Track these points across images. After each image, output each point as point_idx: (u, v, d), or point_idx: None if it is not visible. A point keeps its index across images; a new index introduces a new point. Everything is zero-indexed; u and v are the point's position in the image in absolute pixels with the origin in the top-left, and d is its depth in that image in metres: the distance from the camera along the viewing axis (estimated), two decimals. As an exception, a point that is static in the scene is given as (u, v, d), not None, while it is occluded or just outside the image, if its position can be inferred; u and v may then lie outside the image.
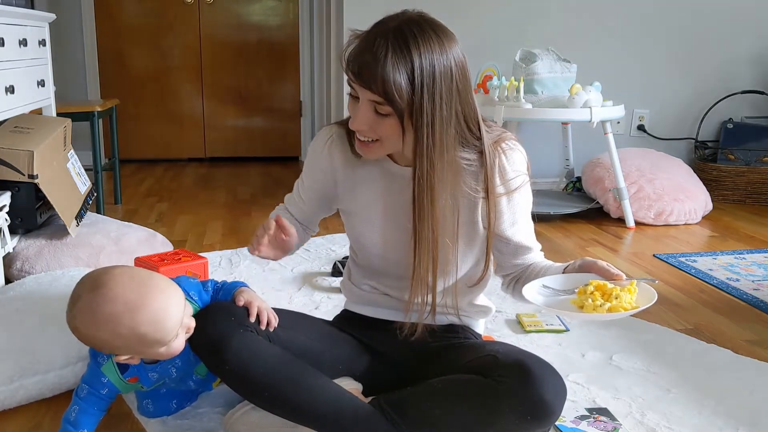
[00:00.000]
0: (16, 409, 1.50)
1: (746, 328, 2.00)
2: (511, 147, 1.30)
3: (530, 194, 1.36)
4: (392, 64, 1.12)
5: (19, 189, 2.15)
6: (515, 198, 1.32)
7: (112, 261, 2.26)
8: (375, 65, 1.13)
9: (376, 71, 1.12)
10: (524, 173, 1.32)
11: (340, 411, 1.23)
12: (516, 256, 1.38)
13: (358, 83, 1.16)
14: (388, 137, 1.21)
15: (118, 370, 1.29)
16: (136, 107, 4.67)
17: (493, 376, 1.19)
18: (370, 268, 1.44)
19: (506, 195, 1.30)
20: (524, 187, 1.33)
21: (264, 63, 4.83)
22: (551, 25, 3.66)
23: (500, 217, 1.32)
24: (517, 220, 1.34)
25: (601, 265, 1.26)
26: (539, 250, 1.41)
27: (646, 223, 3.14)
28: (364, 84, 1.15)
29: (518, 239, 1.36)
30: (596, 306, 1.17)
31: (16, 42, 2.27)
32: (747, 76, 3.91)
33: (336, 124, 1.40)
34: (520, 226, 1.36)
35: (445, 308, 1.43)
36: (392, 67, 1.12)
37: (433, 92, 1.15)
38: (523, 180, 1.31)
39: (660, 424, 1.45)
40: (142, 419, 1.46)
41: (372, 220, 1.38)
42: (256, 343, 1.22)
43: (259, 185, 3.98)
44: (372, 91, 1.15)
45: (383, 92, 1.14)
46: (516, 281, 1.41)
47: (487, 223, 1.32)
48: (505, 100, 3.03)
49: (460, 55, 1.19)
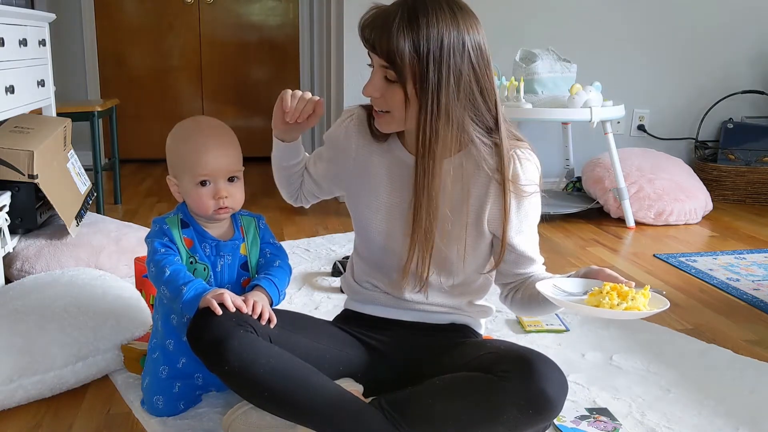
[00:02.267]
0: (15, 409, 1.50)
1: (746, 328, 2.00)
2: (527, 157, 1.31)
3: (539, 207, 1.36)
4: (399, 29, 1.17)
5: (19, 189, 2.15)
6: (525, 206, 1.32)
7: (112, 261, 2.27)
8: (383, 30, 1.18)
9: (383, 35, 1.18)
10: (536, 184, 1.32)
11: (341, 411, 1.23)
12: (518, 266, 1.37)
13: (368, 47, 1.22)
14: (396, 108, 1.24)
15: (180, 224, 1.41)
16: (136, 107, 4.67)
17: (495, 372, 1.19)
18: (372, 261, 1.44)
19: (516, 200, 1.30)
20: (535, 196, 1.33)
21: (264, 63, 4.83)
22: (551, 25, 3.65)
23: (507, 223, 1.32)
24: (523, 229, 1.34)
25: (609, 273, 1.26)
26: (542, 263, 1.40)
27: (646, 223, 3.14)
28: (371, 47, 1.21)
29: (522, 248, 1.35)
30: (613, 305, 1.18)
31: (16, 42, 2.27)
32: (747, 76, 3.91)
33: (360, 105, 1.42)
34: (526, 236, 1.35)
35: (445, 307, 1.44)
36: (398, 32, 1.17)
37: (440, 63, 1.18)
38: (534, 189, 1.32)
39: (660, 424, 1.45)
40: (143, 419, 1.46)
41: (378, 206, 1.38)
42: (256, 344, 1.22)
43: (259, 185, 3.98)
44: (378, 55, 1.20)
45: (387, 55, 1.18)
46: (515, 291, 1.40)
47: (494, 227, 1.33)
48: (505, 100, 3.03)
49: (479, 36, 1.23)
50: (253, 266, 1.45)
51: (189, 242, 1.40)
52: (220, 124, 1.43)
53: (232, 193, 1.38)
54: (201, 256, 1.40)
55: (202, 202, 1.38)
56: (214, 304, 1.23)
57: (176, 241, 1.39)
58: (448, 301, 1.43)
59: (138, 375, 1.62)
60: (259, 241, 1.47)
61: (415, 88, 1.20)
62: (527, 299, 1.36)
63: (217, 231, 1.44)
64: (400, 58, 1.17)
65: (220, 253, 1.42)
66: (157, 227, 1.40)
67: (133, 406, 1.51)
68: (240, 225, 1.46)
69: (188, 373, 1.47)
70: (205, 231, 1.42)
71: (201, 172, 1.36)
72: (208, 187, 1.37)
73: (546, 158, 3.71)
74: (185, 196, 1.40)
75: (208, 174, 1.36)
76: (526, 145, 1.32)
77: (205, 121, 1.43)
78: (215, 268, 1.41)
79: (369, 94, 1.26)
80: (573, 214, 3.26)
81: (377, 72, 1.23)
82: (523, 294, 1.37)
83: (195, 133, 1.40)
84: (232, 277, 1.43)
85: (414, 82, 1.20)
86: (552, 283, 1.26)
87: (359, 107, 1.42)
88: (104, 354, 1.63)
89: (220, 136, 1.39)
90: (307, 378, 1.24)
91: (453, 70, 1.19)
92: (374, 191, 1.39)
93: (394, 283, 1.42)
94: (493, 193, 1.30)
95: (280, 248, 1.49)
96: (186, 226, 1.41)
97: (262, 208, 3.40)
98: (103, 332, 1.65)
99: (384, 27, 1.18)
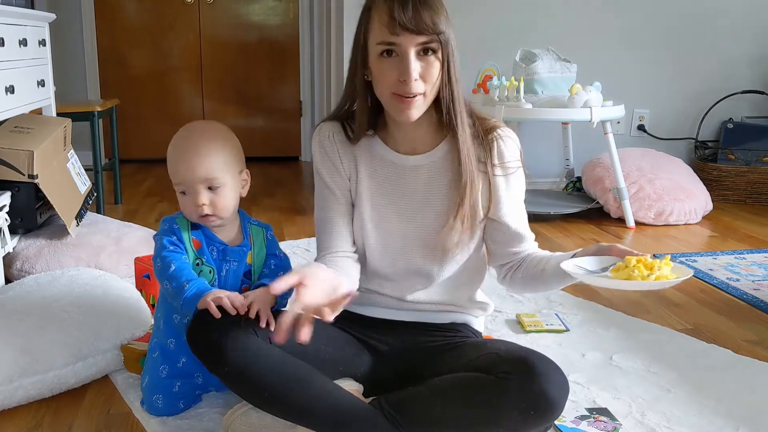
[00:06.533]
0: (15, 409, 1.50)
1: (746, 328, 2.00)
2: (508, 135, 1.37)
3: (524, 182, 1.40)
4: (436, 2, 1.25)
5: (19, 189, 2.15)
6: (512, 183, 1.37)
7: (112, 261, 2.26)
8: (424, 6, 1.22)
9: (424, 11, 1.22)
10: (518, 159, 1.37)
11: (340, 411, 1.23)
12: (512, 245, 1.40)
13: (407, 31, 1.22)
14: (432, 83, 1.27)
15: (189, 225, 1.41)
16: (136, 107, 4.67)
17: (496, 373, 1.19)
18: (369, 269, 1.44)
19: (504, 177, 1.35)
20: (520, 172, 1.38)
21: (264, 63, 4.83)
22: (551, 25, 3.65)
23: (498, 202, 1.36)
24: (513, 206, 1.38)
25: (622, 248, 1.26)
26: (533, 239, 1.43)
27: (646, 223, 3.14)
28: (414, 29, 1.21)
29: (515, 226, 1.39)
30: (644, 276, 1.18)
31: (16, 42, 2.27)
32: (747, 76, 3.91)
33: (326, 121, 1.42)
34: (517, 213, 1.39)
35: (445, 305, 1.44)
36: (437, 5, 1.25)
37: (450, 37, 1.26)
38: (518, 165, 1.37)
39: (660, 424, 1.45)
40: (143, 419, 1.46)
41: (371, 209, 1.39)
42: (255, 345, 1.22)
43: (259, 185, 3.98)
44: (422, 32, 1.22)
45: (435, 27, 1.22)
46: (514, 270, 1.42)
47: (486, 204, 1.36)
48: (505, 100, 3.03)
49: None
50: (255, 276, 1.45)
51: (197, 244, 1.40)
52: (209, 131, 1.40)
53: (213, 202, 1.36)
54: (208, 258, 1.40)
55: (186, 209, 1.38)
56: (212, 307, 1.23)
57: (185, 241, 1.39)
58: (447, 297, 1.43)
59: (138, 375, 1.62)
60: (265, 251, 1.47)
61: (445, 54, 1.26)
62: (531, 278, 1.38)
63: (226, 236, 1.43)
64: (443, 25, 1.23)
65: (227, 257, 1.41)
66: (167, 226, 1.40)
67: (133, 406, 1.51)
68: (249, 233, 1.46)
69: (188, 373, 1.47)
70: (213, 234, 1.42)
71: (175, 181, 1.37)
72: (188, 195, 1.37)
73: (546, 158, 3.76)
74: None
75: (182, 183, 1.36)
76: (501, 123, 1.39)
77: (196, 128, 1.41)
78: (220, 272, 1.41)
79: (415, 76, 1.25)
80: (573, 214, 3.26)
81: (410, 55, 1.24)
82: (525, 274, 1.39)
83: (181, 140, 1.39)
84: (236, 283, 1.43)
85: (443, 49, 1.25)
86: (573, 263, 1.26)
87: (328, 123, 1.42)
88: (104, 354, 1.63)
89: (199, 146, 1.36)
90: (307, 379, 1.23)
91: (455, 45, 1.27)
92: (367, 196, 1.39)
93: (394, 285, 1.42)
94: (481, 175, 1.35)
95: (285, 260, 1.48)
96: (196, 227, 1.41)
97: (263, 208, 3.40)
98: (103, 332, 1.65)
99: (424, 3, 1.22)
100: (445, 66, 1.27)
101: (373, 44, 1.26)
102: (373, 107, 1.36)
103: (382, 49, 1.25)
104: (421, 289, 1.42)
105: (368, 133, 1.39)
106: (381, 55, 1.26)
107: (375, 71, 1.28)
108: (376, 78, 1.29)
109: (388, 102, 1.29)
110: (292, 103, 4.92)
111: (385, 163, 1.39)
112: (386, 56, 1.25)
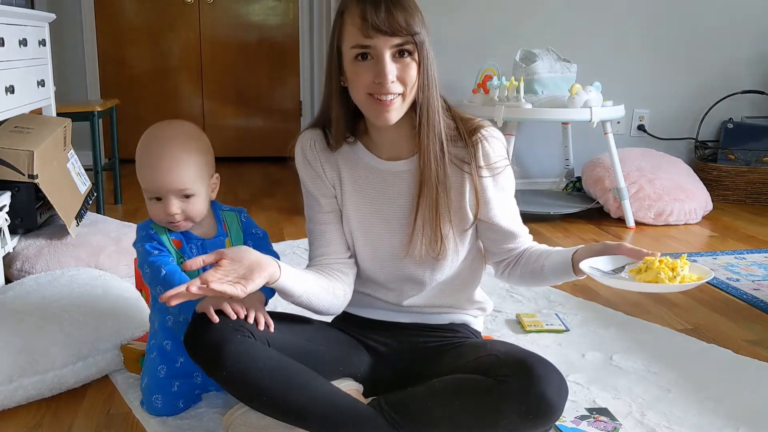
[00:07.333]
0: (15, 409, 1.50)
1: (746, 328, 2.00)
2: (492, 134, 1.34)
3: (513, 179, 1.39)
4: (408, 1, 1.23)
5: (19, 189, 2.15)
6: (500, 182, 1.35)
7: (112, 261, 2.26)
8: (397, 7, 1.21)
9: (398, 12, 1.21)
10: (506, 158, 1.36)
11: (339, 413, 1.22)
12: (506, 242, 1.40)
13: (380, 33, 1.20)
14: (412, 85, 1.25)
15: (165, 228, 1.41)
16: (136, 107, 4.66)
17: (495, 375, 1.19)
18: (363, 274, 1.43)
19: (492, 178, 1.33)
20: (508, 170, 1.36)
21: (264, 63, 4.83)
22: (551, 25, 3.65)
23: (488, 203, 1.35)
24: (504, 205, 1.37)
25: (630, 247, 1.26)
26: (527, 233, 1.43)
27: (646, 223, 3.14)
28: (387, 30, 1.20)
29: (507, 224, 1.38)
30: (671, 278, 1.18)
31: (16, 42, 2.27)
32: (747, 76, 3.91)
33: (307, 130, 1.41)
34: (508, 211, 1.38)
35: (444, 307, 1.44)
36: (408, 4, 1.23)
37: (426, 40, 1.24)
38: (506, 163, 1.35)
39: (660, 424, 1.45)
40: (143, 419, 1.46)
41: (358, 217, 1.38)
42: (253, 348, 1.21)
43: (259, 185, 3.98)
44: (396, 34, 1.20)
45: (408, 29, 1.21)
46: (512, 267, 1.42)
47: (475, 207, 1.35)
48: (505, 100, 3.03)
49: None
50: None
51: (178, 243, 1.41)
52: (181, 136, 1.38)
53: (184, 210, 1.37)
54: (189, 256, 1.40)
55: (155, 216, 1.39)
56: (210, 311, 1.22)
57: (165, 244, 1.39)
58: (444, 300, 1.43)
59: (138, 375, 1.62)
60: (242, 235, 1.47)
61: (420, 57, 1.24)
62: (529, 275, 1.39)
63: (201, 230, 1.44)
64: (418, 27, 1.22)
65: (207, 251, 1.41)
66: (144, 232, 1.40)
67: (133, 406, 1.51)
68: (222, 220, 1.47)
69: (187, 372, 1.47)
70: (188, 231, 1.42)
71: (145, 188, 1.37)
72: (160, 203, 1.36)
73: (546, 158, 3.76)
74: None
75: (154, 192, 1.36)
76: (486, 122, 1.36)
77: (166, 133, 1.39)
78: (204, 267, 1.40)
79: (392, 78, 1.23)
80: (573, 214, 3.26)
81: (385, 56, 1.22)
82: (523, 270, 1.39)
83: (152, 147, 1.37)
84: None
85: (419, 51, 1.24)
86: (588, 265, 1.25)
87: (309, 131, 1.40)
88: (104, 354, 1.63)
89: (172, 155, 1.35)
90: (306, 381, 1.23)
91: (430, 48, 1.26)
92: (354, 205, 1.39)
93: (388, 290, 1.42)
94: (468, 179, 1.33)
95: (263, 237, 1.49)
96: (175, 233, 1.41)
97: (263, 208, 3.40)
98: (103, 332, 1.65)
99: (397, 4, 1.21)
100: (422, 68, 1.25)
101: (347, 48, 1.24)
102: (351, 113, 1.34)
103: (356, 52, 1.23)
104: (415, 294, 1.42)
105: (349, 139, 1.37)
106: (356, 59, 1.24)
107: (350, 75, 1.26)
108: (351, 82, 1.27)
109: (364, 105, 1.27)
110: (291, 104, 4.92)
111: (369, 170, 1.37)
112: (361, 60, 1.23)
